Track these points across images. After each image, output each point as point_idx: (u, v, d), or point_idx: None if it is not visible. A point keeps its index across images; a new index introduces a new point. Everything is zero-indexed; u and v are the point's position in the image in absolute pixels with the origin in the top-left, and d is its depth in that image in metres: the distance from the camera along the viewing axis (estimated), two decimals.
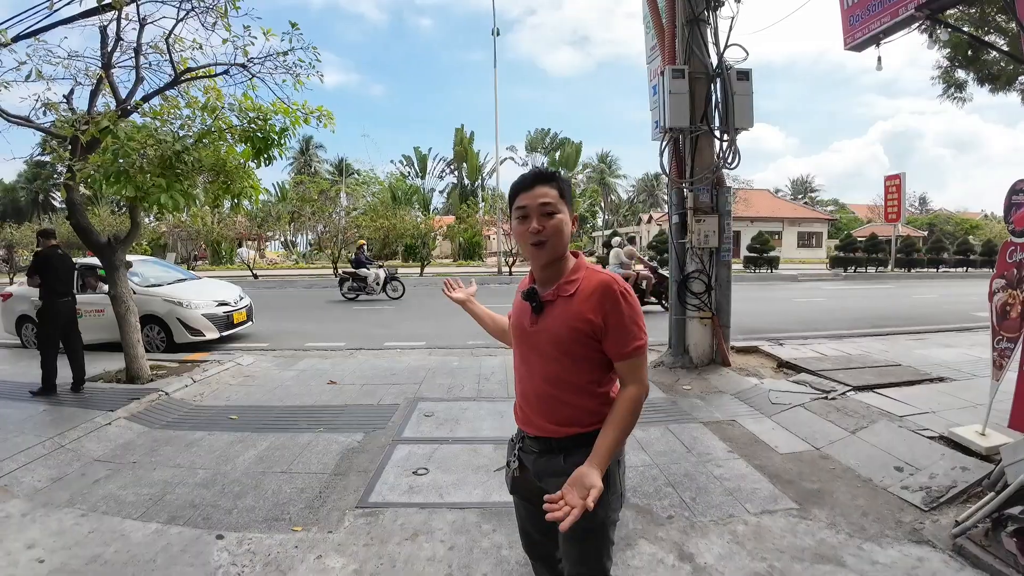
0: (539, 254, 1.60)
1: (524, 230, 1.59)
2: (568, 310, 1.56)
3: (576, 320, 1.54)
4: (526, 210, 1.58)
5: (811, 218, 44.76)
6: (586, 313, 1.53)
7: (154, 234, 31.72)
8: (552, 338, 1.59)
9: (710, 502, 3.34)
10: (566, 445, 1.63)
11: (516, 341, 1.75)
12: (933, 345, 7.45)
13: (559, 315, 1.58)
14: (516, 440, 1.82)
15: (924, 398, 4.94)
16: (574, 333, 1.55)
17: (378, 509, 3.30)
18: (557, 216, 1.57)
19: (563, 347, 1.58)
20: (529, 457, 1.73)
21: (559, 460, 1.63)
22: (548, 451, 1.67)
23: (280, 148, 6.00)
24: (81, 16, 5.29)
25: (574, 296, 1.57)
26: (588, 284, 1.57)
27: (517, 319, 1.72)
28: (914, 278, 24.65)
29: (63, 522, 3.21)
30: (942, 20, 5.36)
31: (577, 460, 1.55)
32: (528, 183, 1.61)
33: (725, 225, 6.47)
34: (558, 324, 1.57)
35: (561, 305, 1.58)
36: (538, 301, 1.62)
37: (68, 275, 6.06)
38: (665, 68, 6.33)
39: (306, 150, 51.37)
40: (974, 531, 2.81)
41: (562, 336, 1.57)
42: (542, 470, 1.69)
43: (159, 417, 5.10)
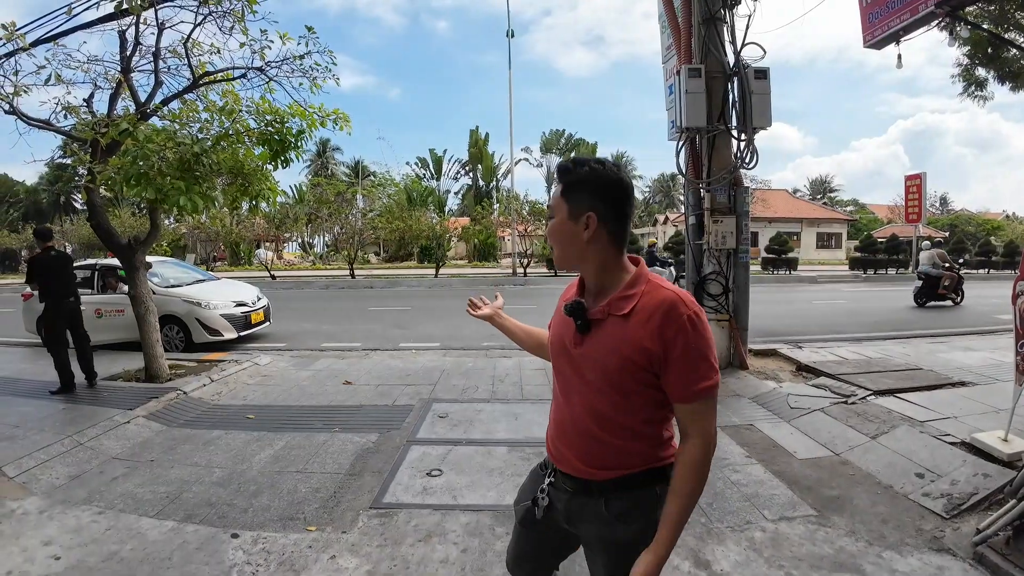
0: (557, 263, 1.43)
1: None
2: (621, 334, 1.28)
3: (629, 347, 1.26)
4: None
5: (830, 218, 44.16)
6: (643, 340, 1.24)
7: (174, 235, 32.16)
8: (598, 367, 1.31)
9: (727, 508, 3.29)
10: (609, 488, 1.37)
11: (556, 361, 1.48)
12: (954, 349, 7.30)
13: (609, 339, 1.29)
14: (545, 472, 1.54)
15: (946, 403, 4.84)
16: (626, 364, 1.27)
17: (392, 510, 3.31)
18: (552, 220, 1.36)
19: (611, 379, 1.30)
20: (560, 495, 1.46)
21: (599, 505, 1.38)
22: (584, 492, 1.40)
23: (297, 151, 6.06)
24: (100, 21, 5.38)
25: (630, 316, 1.27)
26: (648, 302, 1.27)
27: (558, 335, 1.45)
28: None
29: (80, 520, 3.26)
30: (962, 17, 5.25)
31: (623, 508, 1.35)
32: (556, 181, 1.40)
33: (743, 226, 6.39)
34: (607, 350, 1.29)
35: (613, 326, 1.30)
36: (584, 318, 1.34)
37: (66, 275, 6.05)
38: (681, 67, 6.28)
39: (323, 152, 51.77)
40: (995, 539, 2.74)
41: (611, 366, 1.28)
42: (575, 514, 1.44)
43: (177, 416, 5.15)
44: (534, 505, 1.51)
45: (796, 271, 25.82)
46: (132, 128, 5.22)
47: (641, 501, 1.36)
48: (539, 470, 1.59)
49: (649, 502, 1.35)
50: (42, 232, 6.19)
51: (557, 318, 1.49)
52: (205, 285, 9.49)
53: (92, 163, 5.42)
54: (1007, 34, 7.26)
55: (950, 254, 27.71)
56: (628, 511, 1.36)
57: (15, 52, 5.17)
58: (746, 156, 6.35)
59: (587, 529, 1.42)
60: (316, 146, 50.70)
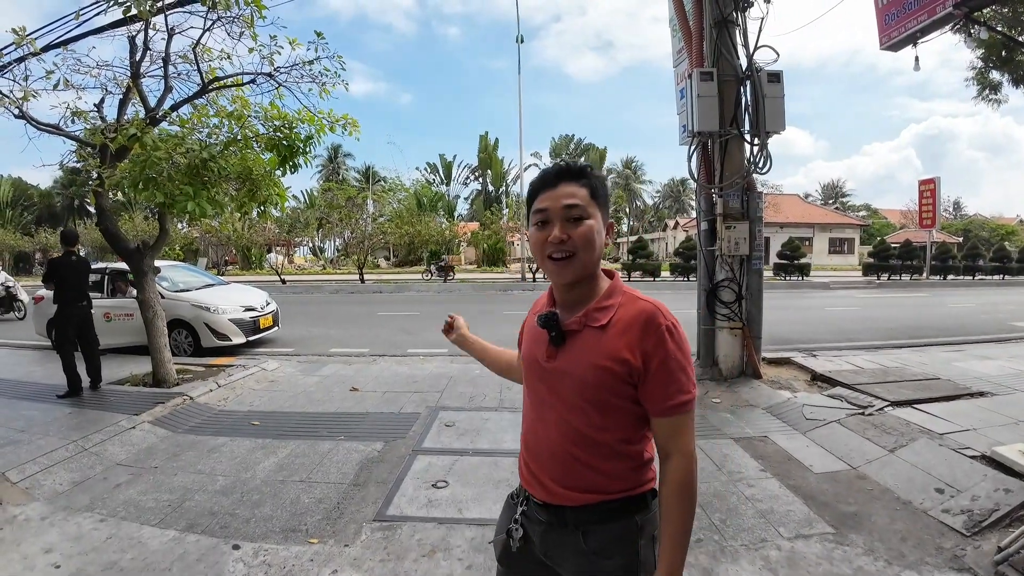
0: (562, 271, 1.26)
1: (543, 239, 1.25)
2: (598, 345, 1.23)
3: (608, 358, 1.20)
4: (547, 214, 1.25)
5: (842, 224, 43.80)
6: (622, 351, 1.20)
7: (186, 239, 32.45)
8: (575, 381, 1.25)
9: (741, 525, 3.19)
10: (585, 518, 1.28)
11: (527, 377, 1.39)
12: (972, 357, 7.14)
13: (586, 351, 1.24)
14: (518, 500, 1.44)
15: (965, 414, 4.70)
16: (605, 376, 1.21)
17: (396, 523, 3.23)
18: (586, 222, 1.23)
19: (589, 393, 1.23)
20: (535, 528, 1.36)
21: (576, 539, 1.29)
22: (560, 524, 1.31)
23: (305, 156, 6.04)
24: (110, 27, 5.40)
25: (607, 327, 1.23)
26: (626, 313, 1.23)
27: (530, 350, 1.37)
28: (949, 286, 23.89)
29: (82, 527, 3.22)
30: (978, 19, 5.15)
31: (602, 542, 1.27)
32: (551, 180, 1.28)
33: (756, 232, 6.27)
34: (584, 363, 1.23)
35: (589, 338, 1.24)
36: (558, 330, 1.28)
37: (81, 280, 6.14)
38: (693, 71, 6.19)
39: (334, 158, 52.09)
40: (1016, 557, 2.64)
41: (588, 379, 1.22)
42: (552, 548, 1.33)
43: (183, 421, 5.12)
44: (508, 537, 1.39)
45: (809, 277, 25.57)
46: (141, 133, 5.22)
47: (621, 534, 1.28)
48: (511, 499, 1.48)
49: (629, 533, 1.28)
50: (68, 235, 6.26)
51: (528, 334, 1.41)
52: (214, 290, 9.52)
53: (101, 168, 5.42)
54: (1021, 36, 7.13)
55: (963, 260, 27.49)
56: (608, 545, 1.27)
57: (25, 57, 5.19)
58: (759, 161, 6.24)
59: (566, 566, 1.32)
60: (327, 151, 51.10)
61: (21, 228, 42.76)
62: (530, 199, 1.32)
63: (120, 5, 4.92)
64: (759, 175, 6.41)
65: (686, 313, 10.68)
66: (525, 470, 1.39)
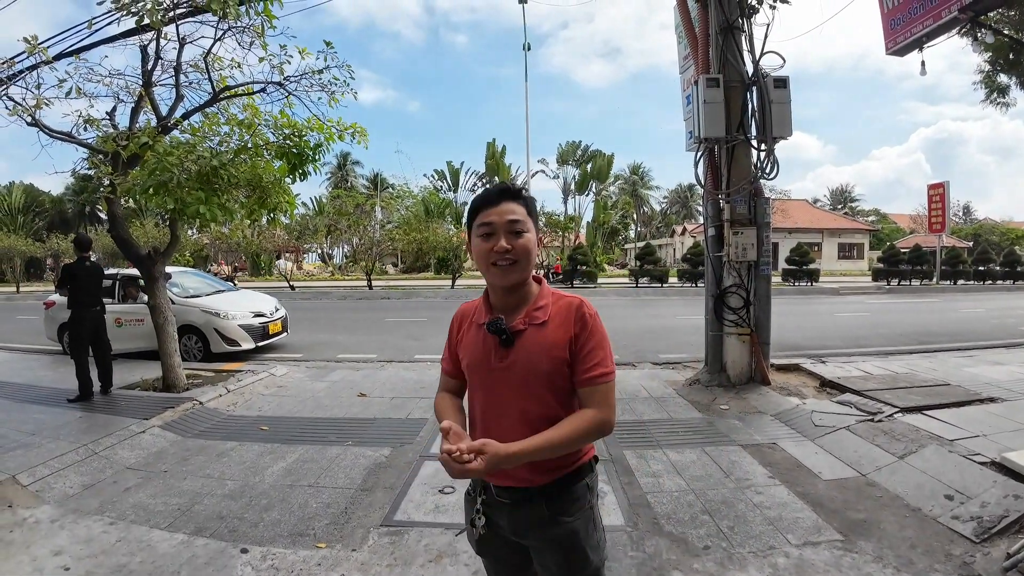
0: (507, 276, 1.45)
1: (489, 249, 1.44)
2: (543, 339, 1.44)
3: (554, 347, 1.43)
4: (492, 227, 1.44)
5: (852, 228, 43.58)
6: (562, 338, 1.43)
7: (196, 246, 32.71)
8: (529, 372, 1.44)
9: (749, 532, 3.17)
10: (548, 491, 1.48)
11: (477, 382, 1.54)
12: (982, 363, 7.07)
13: (534, 345, 1.44)
14: (474, 493, 1.59)
15: (975, 420, 4.66)
16: (555, 363, 1.43)
17: (403, 528, 3.24)
18: (526, 235, 1.45)
19: (542, 380, 1.44)
20: (500, 512, 1.53)
21: (541, 509, 1.48)
22: (526, 500, 1.48)
23: (315, 164, 6.10)
24: (121, 36, 5.48)
25: (547, 323, 1.45)
26: (558, 308, 1.47)
27: (475, 357, 1.52)
28: (960, 290, 23.71)
29: (91, 530, 3.25)
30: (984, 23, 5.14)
31: (563, 505, 1.47)
32: (493, 199, 1.47)
33: (764, 237, 6.25)
34: (534, 355, 1.43)
35: (534, 334, 1.45)
36: (508, 332, 1.45)
37: (95, 286, 6.25)
38: (699, 77, 6.20)
39: (343, 165, 52.37)
40: None
41: (541, 368, 1.43)
42: (521, 524, 1.51)
43: (192, 426, 5.16)
44: (472, 527, 1.55)
45: (818, 282, 25.42)
46: (152, 141, 5.28)
47: (577, 494, 1.50)
48: (468, 494, 1.63)
49: (584, 492, 1.51)
50: (81, 241, 6.36)
51: (467, 345, 1.56)
52: (224, 296, 9.59)
53: (113, 175, 5.49)
54: None
55: (973, 265, 27.24)
56: (567, 506, 1.48)
57: (37, 65, 5.28)
58: (766, 166, 6.23)
59: (533, 535, 1.50)
60: (336, 159, 51.41)
61: (33, 234, 43.16)
62: (473, 213, 1.50)
63: (133, 15, 4.99)
64: (766, 180, 6.39)
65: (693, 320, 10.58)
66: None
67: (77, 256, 6.21)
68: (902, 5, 5.09)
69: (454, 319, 1.67)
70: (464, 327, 1.61)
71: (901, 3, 5.07)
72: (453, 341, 1.65)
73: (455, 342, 1.64)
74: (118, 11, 5.14)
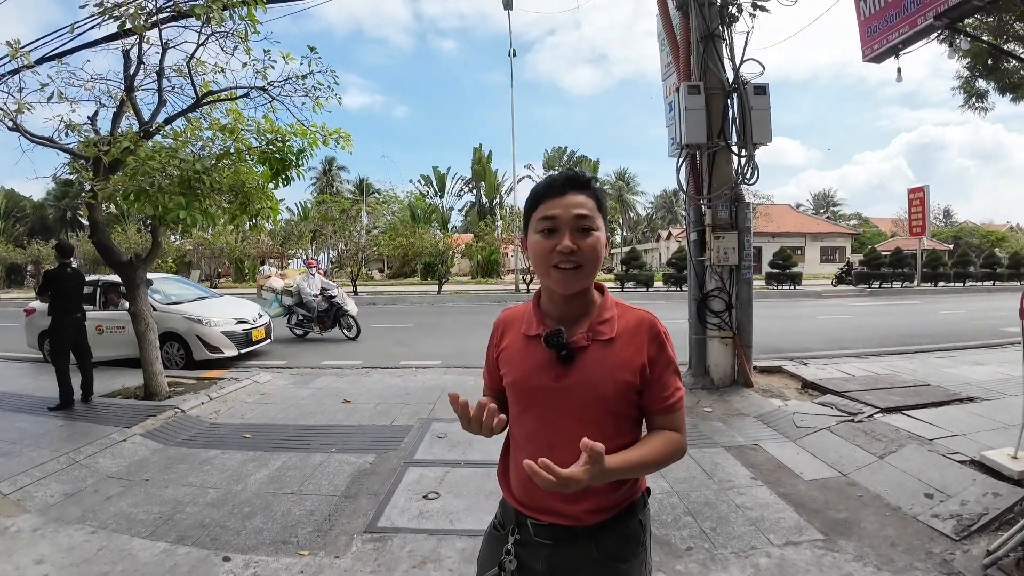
0: (569, 281, 1.23)
1: (550, 248, 1.22)
2: (610, 358, 1.24)
3: (623, 370, 1.23)
4: (556, 222, 1.22)
5: (834, 232, 44.11)
6: (633, 359, 1.24)
7: (179, 252, 32.33)
8: (590, 395, 1.24)
9: (731, 532, 3.20)
10: (598, 530, 1.28)
11: (526, 403, 1.32)
12: (962, 363, 7.20)
13: (599, 365, 1.24)
14: (504, 530, 1.38)
15: (954, 420, 4.74)
16: (621, 387, 1.23)
17: (387, 534, 3.23)
18: (595, 234, 1.23)
19: (607, 406, 1.24)
20: (537, 554, 1.30)
21: (590, 550, 1.28)
22: (570, 540, 1.28)
23: (298, 169, 6.07)
24: (104, 40, 5.45)
25: (615, 341, 1.25)
26: (628, 323, 1.28)
27: (524, 374, 1.31)
28: (940, 293, 24.08)
29: (73, 539, 3.22)
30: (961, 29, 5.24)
31: (615, 546, 1.28)
32: (558, 188, 1.25)
33: (745, 242, 6.34)
34: (599, 377, 1.23)
35: (599, 352, 1.25)
36: (568, 348, 1.25)
37: (76, 293, 6.17)
38: (680, 84, 6.28)
39: (329, 170, 52.12)
40: (1005, 561, 2.67)
41: (607, 392, 1.23)
42: (562, 566, 1.29)
43: (174, 434, 5.11)
44: (501, 571, 1.33)
45: (800, 286, 25.70)
46: (134, 146, 5.24)
47: (629, 534, 1.32)
48: (495, 530, 1.42)
49: (638, 530, 1.33)
50: (63, 247, 6.28)
51: (518, 358, 1.33)
52: (206, 302, 9.50)
53: (95, 180, 5.44)
54: (1007, 45, 7.24)
55: (954, 267, 27.67)
56: (620, 548, 1.30)
57: (19, 69, 5.22)
58: (747, 172, 6.32)
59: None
60: (321, 164, 51.16)
61: (13, 240, 42.50)
62: (533, 205, 1.28)
63: (115, 19, 4.96)
64: (747, 186, 6.49)
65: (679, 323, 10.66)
66: (524, 497, 1.32)
67: (58, 262, 6.14)
68: (879, 13, 5.18)
69: (495, 327, 1.45)
70: (509, 337, 1.39)
71: (878, 11, 5.16)
72: (494, 353, 1.43)
73: (496, 355, 1.42)
74: (101, 15, 5.10)
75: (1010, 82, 7.80)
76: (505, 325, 1.43)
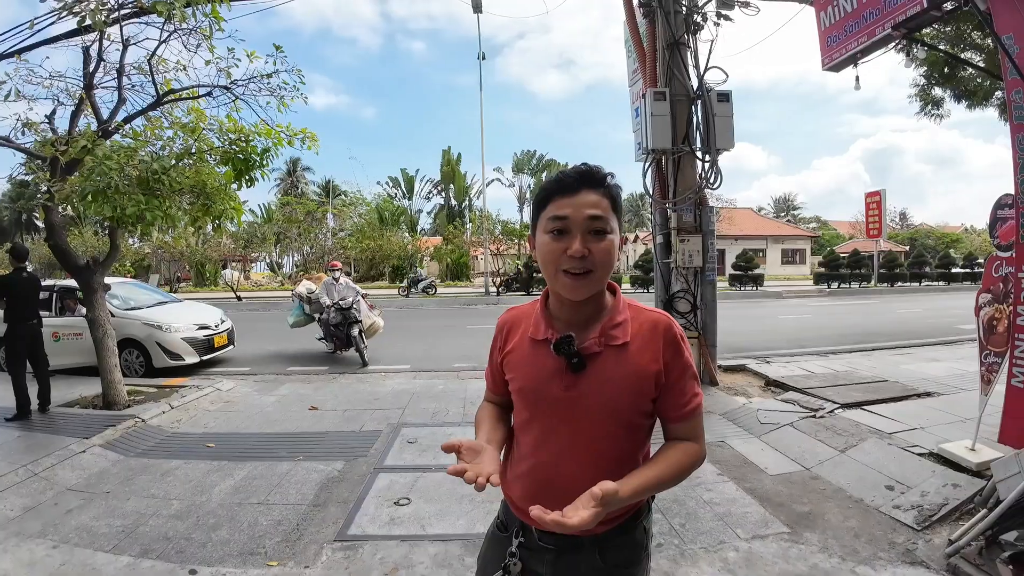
0: (578, 288, 1.15)
1: (560, 251, 1.14)
2: (624, 365, 1.18)
3: (637, 377, 1.17)
4: (567, 223, 1.13)
5: (794, 235, 45.25)
6: (648, 365, 1.17)
7: (137, 255, 31.35)
8: (604, 405, 1.18)
9: (700, 528, 3.27)
10: (602, 538, 1.24)
11: (533, 412, 1.26)
12: (919, 360, 7.48)
13: (612, 372, 1.17)
14: (507, 531, 1.35)
15: (912, 414, 4.93)
16: (636, 396, 1.18)
17: (357, 542, 3.19)
18: (609, 237, 1.15)
19: (619, 415, 1.19)
20: (540, 559, 1.28)
21: (594, 559, 1.24)
22: (574, 548, 1.24)
23: (262, 170, 5.94)
24: (64, 37, 5.27)
25: (628, 345, 1.19)
26: (641, 327, 1.21)
27: (532, 382, 1.24)
28: (897, 292, 24.95)
29: (35, 553, 3.11)
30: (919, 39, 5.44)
31: (621, 556, 1.25)
32: (571, 185, 1.15)
33: (709, 244, 6.48)
34: (613, 386, 1.17)
35: (612, 358, 1.18)
36: (579, 355, 1.18)
37: (32, 298, 5.95)
38: (647, 91, 6.39)
39: (293, 171, 51.18)
40: (967, 550, 2.77)
41: (621, 401, 1.17)
42: (567, 572, 1.27)
43: (135, 445, 4.95)
44: (506, 573, 1.29)
45: (763, 287, 26.32)
46: (92, 146, 5.07)
47: (635, 540, 1.29)
48: (498, 531, 1.38)
49: (642, 538, 1.30)
50: (19, 251, 6.03)
51: (526, 364, 1.26)
52: (166, 307, 9.23)
53: (51, 181, 5.25)
54: (964, 54, 7.54)
55: (910, 267, 28.69)
56: (624, 554, 1.27)
57: None
58: (710, 176, 6.46)
59: None
60: (286, 165, 50.22)
61: None
62: (543, 202, 1.19)
63: (75, 15, 4.79)
64: (711, 190, 6.63)
65: None
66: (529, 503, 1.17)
67: (13, 267, 5.90)
68: (839, 23, 5.32)
69: (499, 329, 1.38)
70: (514, 340, 1.31)
71: (838, 21, 5.30)
72: (498, 357, 1.36)
73: (500, 359, 1.35)
74: (61, 11, 4.93)
75: (966, 90, 8.13)
76: (510, 326, 1.35)
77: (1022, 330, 3.40)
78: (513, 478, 1.33)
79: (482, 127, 25.50)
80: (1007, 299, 3.50)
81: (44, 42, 5.44)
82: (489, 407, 1.42)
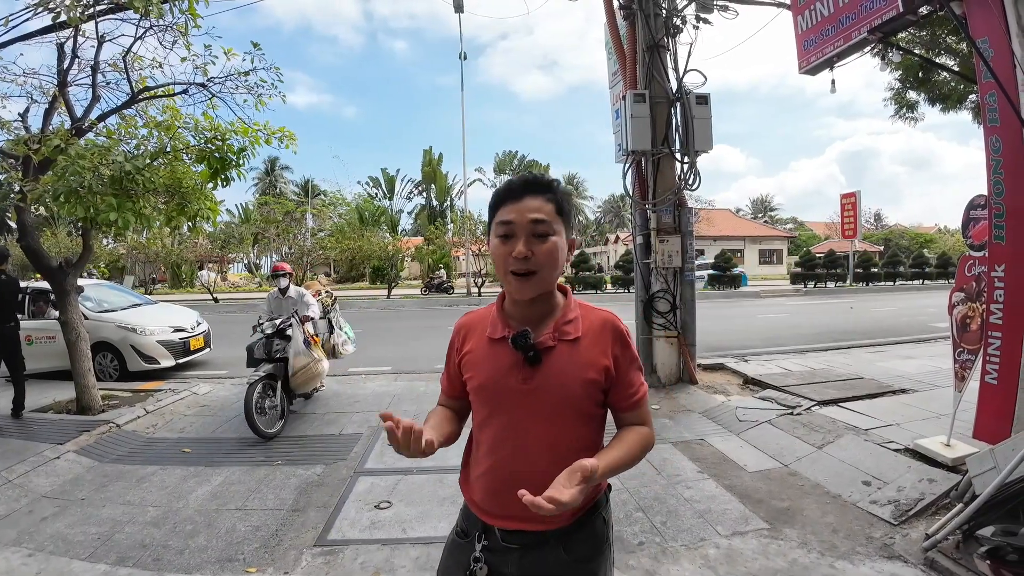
0: (523, 287, 1.24)
1: (506, 253, 1.22)
2: (576, 357, 1.26)
3: (589, 368, 1.25)
4: (511, 227, 1.22)
5: (771, 236, 45.92)
6: (599, 359, 1.26)
7: (111, 256, 30.69)
8: (560, 395, 1.25)
9: (681, 526, 3.30)
10: (565, 532, 1.29)
11: (493, 406, 1.32)
12: (894, 357, 7.62)
13: (566, 364, 1.25)
14: (468, 536, 1.36)
15: (888, 410, 5.01)
16: (589, 387, 1.26)
17: (337, 547, 3.17)
18: (551, 239, 1.23)
19: (574, 405, 1.26)
20: (506, 559, 1.30)
21: (559, 553, 1.28)
22: (539, 544, 1.28)
23: (239, 169, 5.85)
24: (38, 33, 5.15)
25: (580, 340, 1.27)
26: (592, 324, 1.30)
27: (490, 378, 1.30)
28: (872, 292, 25.41)
29: (10, 562, 3.05)
30: (894, 43, 5.54)
31: (584, 550, 1.30)
32: (517, 191, 1.25)
33: (688, 245, 6.55)
34: (566, 377, 1.24)
35: (566, 352, 1.26)
36: (535, 349, 1.25)
37: (11, 300, 5.82)
38: (627, 93, 6.43)
39: (271, 171, 50.61)
40: (944, 544, 2.82)
41: (575, 392, 1.25)
42: (531, 570, 1.30)
43: (110, 450, 4.85)
44: None
45: (741, 287, 26.63)
46: (65, 144, 4.96)
47: (595, 534, 1.34)
48: (458, 538, 1.40)
49: (602, 529, 1.35)
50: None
51: (485, 361, 1.32)
52: (141, 310, 9.07)
53: (23, 181, 5.12)
54: (939, 58, 7.69)
55: (884, 267, 29.27)
56: (587, 546, 1.32)
57: None
58: (689, 178, 6.53)
59: None
60: (264, 164, 49.63)
61: None
62: (493, 208, 1.29)
63: (50, 11, 4.68)
64: (689, 191, 6.70)
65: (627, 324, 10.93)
66: (491, 504, 1.32)
67: None
68: (816, 27, 5.39)
69: (456, 332, 1.44)
70: (471, 342, 1.37)
71: (815, 25, 5.37)
72: (454, 359, 1.42)
73: (457, 360, 1.41)
74: (37, 7, 4.81)
75: (940, 93, 8.31)
76: (467, 330, 1.41)
77: (995, 328, 3.48)
78: (474, 479, 1.37)
79: (463, 127, 25.55)
80: (980, 298, 3.59)
81: (18, 39, 5.32)
82: (440, 409, 1.47)
